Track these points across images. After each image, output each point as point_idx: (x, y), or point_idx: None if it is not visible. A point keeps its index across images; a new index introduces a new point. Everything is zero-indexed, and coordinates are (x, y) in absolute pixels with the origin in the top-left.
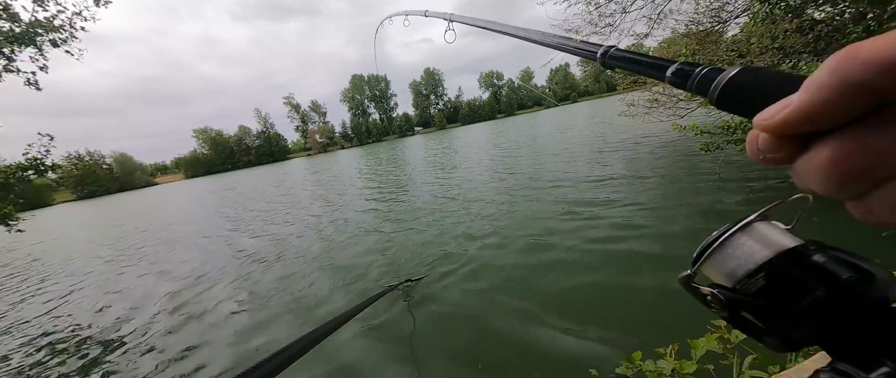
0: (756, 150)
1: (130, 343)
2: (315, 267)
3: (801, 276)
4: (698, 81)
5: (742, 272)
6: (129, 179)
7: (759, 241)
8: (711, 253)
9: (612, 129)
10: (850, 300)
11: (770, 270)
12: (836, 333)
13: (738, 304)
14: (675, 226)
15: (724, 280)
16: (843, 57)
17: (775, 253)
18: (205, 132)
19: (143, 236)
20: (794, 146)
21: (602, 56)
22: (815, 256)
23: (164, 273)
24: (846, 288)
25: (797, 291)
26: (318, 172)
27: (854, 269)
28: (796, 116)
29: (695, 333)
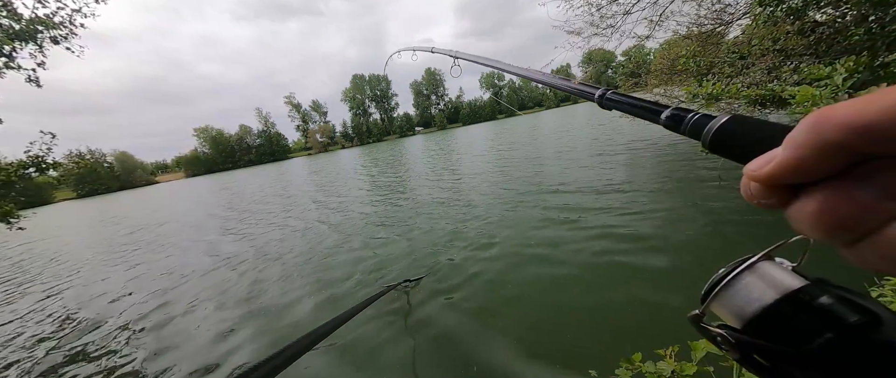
0: (750, 195)
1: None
2: (306, 271)
3: (808, 319)
4: (691, 126)
5: (749, 313)
6: (130, 178)
7: (764, 281)
8: (718, 293)
9: (612, 131)
10: (858, 344)
11: (777, 312)
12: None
13: (748, 346)
14: (678, 233)
15: (733, 321)
16: (818, 118)
17: (781, 294)
18: (205, 131)
19: (129, 238)
20: (785, 194)
21: (600, 97)
22: (821, 298)
23: (149, 276)
24: (854, 331)
25: (805, 335)
26: (316, 173)
27: (861, 311)
28: (780, 171)
29: (694, 335)
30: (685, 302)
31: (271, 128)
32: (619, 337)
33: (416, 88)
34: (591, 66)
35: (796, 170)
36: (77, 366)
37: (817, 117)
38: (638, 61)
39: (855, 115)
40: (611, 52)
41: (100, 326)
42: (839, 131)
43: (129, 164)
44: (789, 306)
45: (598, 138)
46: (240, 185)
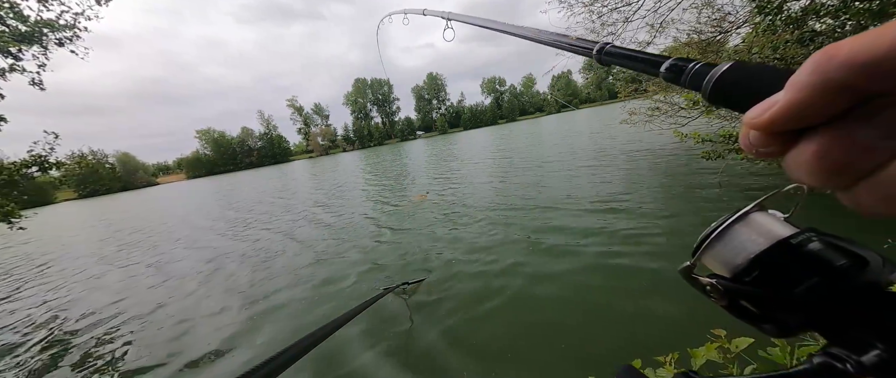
0: (748, 144)
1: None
2: (301, 275)
3: (796, 264)
4: (691, 77)
5: (740, 262)
6: (132, 179)
7: (756, 231)
8: (710, 244)
9: (614, 136)
10: (844, 286)
11: (767, 260)
12: (831, 319)
13: (736, 293)
14: (676, 238)
15: (723, 270)
16: (821, 57)
17: (772, 242)
18: (207, 133)
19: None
20: (784, 140)
21: (598, 52)
22: (810, 245)
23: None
24: (841, 274)
25: (793, 280)
26: (317, 176)
27: (849, 255)
28: (781, 116)
29: (695, 342)
30: (685, 306)
31: (273, 130)
32: (618, 344)
33: (418, 93)
34: (593, 72)
35: (799, 113)
36: None
37: (821, 56)
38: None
39: (863, 52)
40: None
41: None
42: (845, 70)
43: (131, 165)
44: (778, 253)
45: (599, 145)
46: (233, 190)
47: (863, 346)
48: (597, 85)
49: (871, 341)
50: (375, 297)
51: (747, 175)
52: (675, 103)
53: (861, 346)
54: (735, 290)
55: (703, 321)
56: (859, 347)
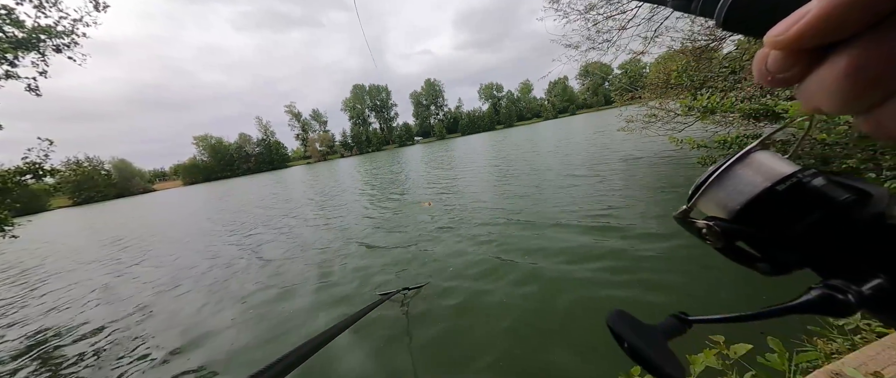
0: (764, 72)
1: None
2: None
3: (798, 201)
4: (703, 3)
5: (739, 202)
6: (128, 185)
7: (756, 170)
8: (708, 187)
9: (611, 143)
10: (847, 220)
11: (768, 198)
12: (832, 253)
13: (733, 234)
14: (675, 243)
15: (721, 213)
16: None
17: (773, 181)
18: (205, 139)
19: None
20: (806, 62)
21: None
22: (813, 181)
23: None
24: (844, 209)
25: (794, 216)
26: (313, 184)
27: (852, 190)
28: (813, 27)
29: (693, 349)
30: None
31: (271, 136)
32: (616, 350)
33: (416, 99)
34: (589, 79)
35: (835, 23)
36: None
37: None
38: (633, 75)
39: None
40: (607, 65)
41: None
42: None
43: (127, 171)
44: (780, 191)
45: (602, 150)
46: (222, 198)
47: (864, 277)
48: (593, 91)
49: (873, 272)
50: (376, 303)
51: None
52: (671, 109)
53: (862, 278)
54: (733, 231)
55: (702, 328)
56: (860, 279)
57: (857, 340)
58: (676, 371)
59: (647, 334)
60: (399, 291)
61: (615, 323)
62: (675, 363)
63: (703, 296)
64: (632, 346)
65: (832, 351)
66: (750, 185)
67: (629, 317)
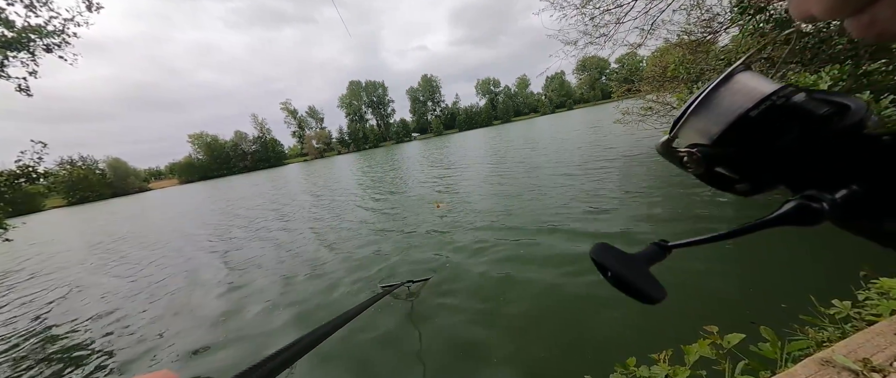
0: None
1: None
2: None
3: (778, 118)
4: None
5: (721, 125)
6: (123, 185)
7: (737, 92)
8: (690, 114)
9: (607, 137)
10: (825, 132)
11: (748, 119)
12: (808, 167)
13: (714, 158)
14: (670, 238)
15: (702, 139)
16: None
17: (754, 101)
18: (200, 137)
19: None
20: None
21: None
22: (794, 98)
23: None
24: (822, 121)
25: (775, 133)
26: (311, 181)
27: (831, 104)
28: None
29: (688, 339)
30: (679, 304)
31: (267, 134)
32: (614, 343)
33: (413, 95)
34: (586, 73)
35: None
36: None
37: None
38: (631, 68)
39: None
40: (605, 60)
41: None
42: None
43: (122, 170)
44: (760, 111)
45: (599, 145)
46: (211, 199)
47: (837, 187)
48: (590, 85)
49: (848, 181)
50: (379, 296)
51: None
52: (667, 103)
53: (836, 188)
54: (714, 156)
55: (696, 316)
56: (834, 189)
57: (848, 328)
58: (658, 293)
59: (630, 263)
60: (402, 284)
61: (599, 254)
62: (657, 286)
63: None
64: (615, 275)
65: (823, 339)
66: (732, 108)
67: (612, 248)
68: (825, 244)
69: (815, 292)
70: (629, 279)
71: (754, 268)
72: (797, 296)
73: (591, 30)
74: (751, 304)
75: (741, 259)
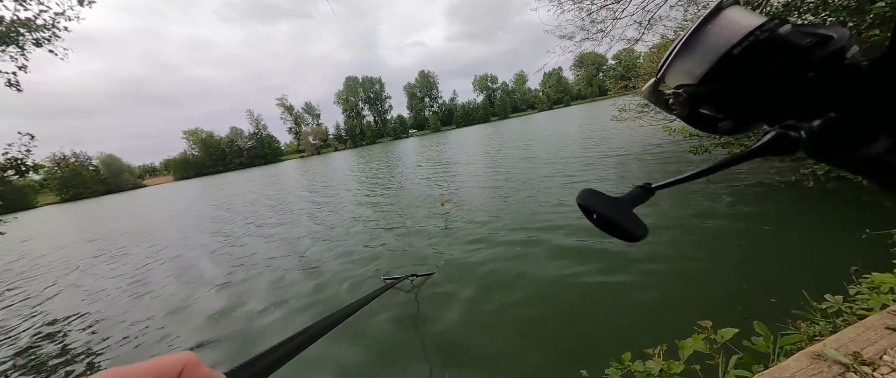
0: None
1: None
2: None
3: (764, 51)
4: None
5: (706, 65)
6: (117, 181)
7: (723, 29)
8: (677, 54)
9: (604, 133)
10: (807, 62)
11: (734, 54)
12: (789, 99)
13: (699, 97)
14: (667, 233)
15: (688, 79)
16: None
17: (739, 37)
18: (195, 133)
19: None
20: None
21: None
22: (779, 30)
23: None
24: (805, 51)
25: (759, 66)
26: (307, 177)
27: (814, 35)
28: None
29: (682, 334)
30: (674, 299)
31: (263, 130)
32: (610, 337)
33: (410, 91)
34: (583, 69)
35: None
36: None
37: None
38: (627, 65)
39: None
40: (602, 56)
41: None
42: None
43: (116, 167)
44: (744, 47)
45: (596, 140)
46: (199, 198)
47: (817, 115)
48: (588, 82)
49: (826, 110)
50: (383, 289)
51: (732, 170)
52: None
53: (815, 116)
54: (699, 95)
55: (691, 312)
56: (813, 118)
57: (839, 323)
58: (640, 230)
59: (615, 205)
60: (407, 277)
61: (585, 199)
62: (640, 224)
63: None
64: (600, 216)
65: (815, 333)
66: (716, 46)
67: (598, 193)
68: (819, 240)
69: (807, 287)
70: (614, 219)
71: (749, 263)
72: (790, 291)
73: (588, 25)
74: (745, 299)
75: (736, 255)
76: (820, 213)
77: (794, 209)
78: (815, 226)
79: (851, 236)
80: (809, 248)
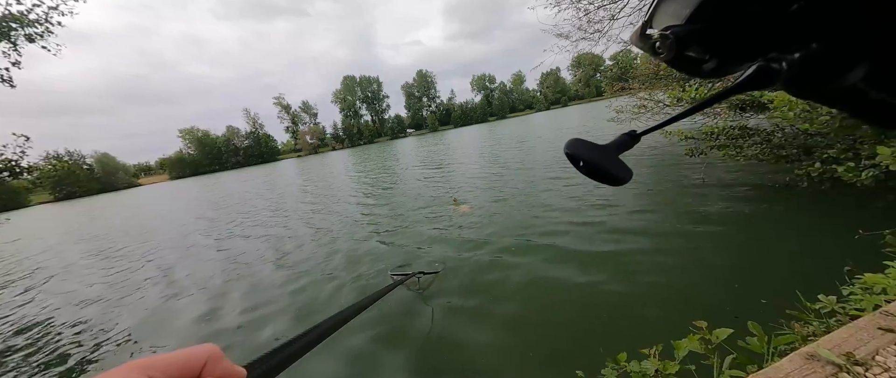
0: None
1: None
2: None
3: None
4: None
5: (693, 4)
6: (111, 180)
7: None
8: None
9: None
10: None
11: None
12: (773, 34)
13: (686, 38)
14: (662, 235)
15: (675, 20)
16: None
17: None
18: (191, 132)
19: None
20: None
21: None
22: None
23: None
24: None
25: (745, 1)
26: (305, 177)
27: None
28: None
29: (678, 335)
30: (669, 301)
31: (260, 129)
32: (606, 338)
33: (408, 90)
34: (581, 70)
35: None
36: None
37: None
38: (624, 66)
39: None
40: (599, 56)
41: None
42: None
43: (111, 165)
44: None
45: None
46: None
47: (798, 47)
48: (585, 82)
49: (807, 41)
50: (391, 286)
51: (727, 171)
52: (659, 100)
53: (796, 48)
54: (686, 34)
55: (687, 312)
56: (794, 50)
57: (832, 323)
58: (625, 173)
59: (601, 152)
60: (414, 275)
61: (572, 148)
62: (625, 169)
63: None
64: (587, 163)
65: (808, 334)
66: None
67: (584, 141)
68: (813, 241)
69: (802, 288)
70: (600, 165)
71: (743, 264)
72: (785, 291)
73: (585, 25)
74: (740, 300)
75: (731, 256)
76: (814, 214)
77: (788, 210)
78: (810, 227)
79: (845, 237)
80: (804, 249)
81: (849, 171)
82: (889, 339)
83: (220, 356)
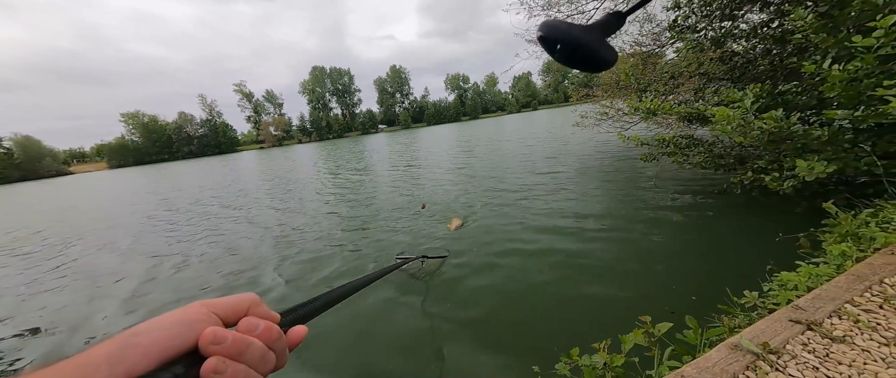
0: None
1: None
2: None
3: None
4: None
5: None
6: (35, 167)
7: None
8: None
9: (568, 138)
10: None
11: None
12: None
13: None
14: (618, 233)
15: None
16: None
17: None
18: (135, 117)
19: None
20: None
21: None
22: None
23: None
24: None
25: None
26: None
27: None
28: None
29: (626, 330)
30: (619, 298)
31: (217, 117)
32: (565, 333)
33: (381, 85)
34: (551, 76)
35: None
36: None
37: None
38: (589, 74)
39: None
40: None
41: None
42: None
43: (35, 150)
44: None
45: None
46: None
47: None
48: (554, 88)
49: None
50: (392, 267)
51: (676, 175)
52: (619, 108)
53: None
54: None
55: (633, 308)
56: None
57: (754, 316)
58: (611, 55)
59: (583, 30)
60: (418, 258)
61: (547, 30)
62: (611, 49)
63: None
64: (566, 45)
65: (734, 326)
66: None
67: (561, 21)
68: (743, 243)
69: (732, 285)
70: (585, 46)
71: (687, 264)
72: (716, 288)
73: None
74: (683, 296)
75: (670, 257)
76: (745, 217)
77: (723, 214)
78: (741, 229)
79: (770, 239)
80: (736, 250)
81: (774, 180)
82: (797, 330)
83: (259, 302)
